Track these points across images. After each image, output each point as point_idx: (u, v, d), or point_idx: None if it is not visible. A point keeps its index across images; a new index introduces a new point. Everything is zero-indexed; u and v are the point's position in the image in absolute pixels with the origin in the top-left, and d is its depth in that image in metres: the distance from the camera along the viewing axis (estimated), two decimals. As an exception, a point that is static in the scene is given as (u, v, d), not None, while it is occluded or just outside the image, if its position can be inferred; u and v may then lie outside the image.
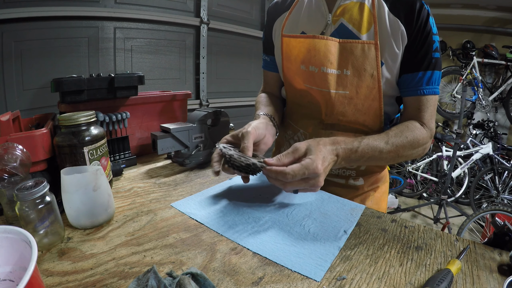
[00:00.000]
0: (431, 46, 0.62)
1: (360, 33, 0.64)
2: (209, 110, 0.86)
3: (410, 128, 0.64)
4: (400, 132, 0.63)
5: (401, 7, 0.63)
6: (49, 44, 1.50)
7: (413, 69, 0.64)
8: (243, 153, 0.57)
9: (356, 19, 0.65)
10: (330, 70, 0.67)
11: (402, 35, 0.62)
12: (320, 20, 0.69)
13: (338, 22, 0.67)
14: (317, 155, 0.52)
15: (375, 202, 0.80)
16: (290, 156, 0.54)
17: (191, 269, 0.35)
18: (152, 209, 0.58)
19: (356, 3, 0.65)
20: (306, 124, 0.78)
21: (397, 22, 0.62)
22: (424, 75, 0.63)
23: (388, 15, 0.63)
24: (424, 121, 0.66)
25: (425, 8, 0.62)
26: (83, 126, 0.59)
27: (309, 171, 0.50)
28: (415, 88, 0.65)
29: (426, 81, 0.64)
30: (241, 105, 2.54)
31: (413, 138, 0.63)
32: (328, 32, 0.68)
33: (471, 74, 3.20)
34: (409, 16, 0.62)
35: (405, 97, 0.68)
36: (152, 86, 1.92)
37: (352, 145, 0.59)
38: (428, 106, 0.66)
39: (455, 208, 2.72)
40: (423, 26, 0.61)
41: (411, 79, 0.65)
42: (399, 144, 0.62)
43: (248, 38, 2.53)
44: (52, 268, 0.40)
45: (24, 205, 0.43)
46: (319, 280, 0.39)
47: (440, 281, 0.37)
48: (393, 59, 0.64)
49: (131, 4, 1.78)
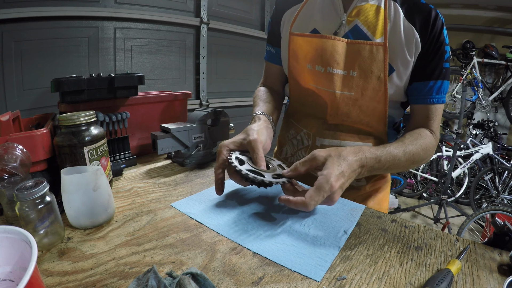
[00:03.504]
0: (443, 56, 0.63)
1: (374, 36, 0.64)
2: (209, 110, 0.86)
3: (422, 136, 0.65)
4: (414, 140, 0.63)
5: (417, 14, 0.62)
6: (49, 44, 1.50)
7: (425, 78, 0.64)
8: (256, 164, 0.56)
9: (372, 22, 0.64)
10: (336, 70, 0.66)
11: (416, 42, 0.62)
12: (334, 19, 0.68)
13: (353, 23, 0.66)
14: (333, 169, 0.49)
15: (376, 202, 0.80)
16: (308, 164, 0.53)
17: (191, 269, 0.35)
18: (152, 209, 0.58)
19: (373, 6, 0.65)
20: (309, 124, 0.77)
21: (411, 29, 0.62)
22: (435, 84, 0.64)
23: (403, 21, 0.63)
24: (433, 129, 0.67)
25: (440, 17, 0.62)
26: (83, 126, 0.59)
27: (325, 192, 0.48)
28: (425, 96, 0.65)
29: (436, 91, 0.64)
30: (241, 105, 2.54)
31: (426, 146, 0.64)
32: (341, 32, 0.67)
33: (471, 74, 3.20)
34: (425, 24, 0.61)
35: (414, 105, 0.69)
36: (152, 86, 1.92)
37: (377, 154, 0.56)
38: (436, 115, 0.67)
39: (455, 208, 2.72)
40: (437, 35, 0.61)
41: (421, 87, 0.65)
42: (415, 152, 0.62)
43: (248, 38, 2.53)
44: (52, 268, 0.40)
45: (24, 205, 0.43)
46: (319, 280, 0.39)
47: (440, 281, 0.37)
48: (405, 66, 0.64)
49: (131, 4, 1.78)
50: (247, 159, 0.58)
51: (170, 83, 2.08)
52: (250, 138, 0.58)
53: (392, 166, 0.59)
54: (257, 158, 0.56)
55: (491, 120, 3.05)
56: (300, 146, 0.80)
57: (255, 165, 0.56)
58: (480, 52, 3.28)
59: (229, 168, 0.57)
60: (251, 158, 0.58)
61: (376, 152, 0.56)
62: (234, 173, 0.56)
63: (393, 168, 0.61)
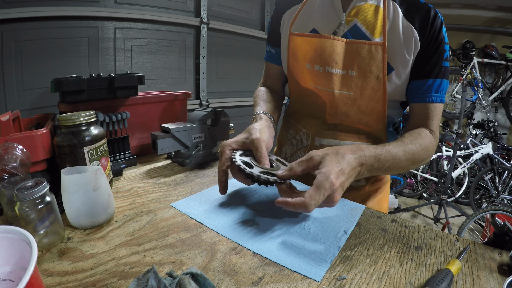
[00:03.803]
0: (442, 54, 0.63)
1: (373, 36, 0.63)
2: (209, 110, 0.86)
3: (422, 136, 0.64)
4: (414, 139, 0.62)
5: (416, 14, 0.62)
6: (49, 44, 1.50)
7: (424, 76, 0.64)
8: (259, 163, 0.56)
9: (371, 21, 0.64)
10: (335, 70, 0.66)
11: (415, 41, 0.62)
12: (333, 19, 0.68)
13: (352, 23, 0.66)
14: (332, 167, 0.47)
15: (376, 202, 0.80)
16: (304, 164, 0.50)
17: (191, 269, 0.35)
18: (152, 209, 0.58)
19: (372, 6, 0.65)
20: (309, 124, 0.78)
21: (410, 28, 0.62)
22: (434, 83, 0.64)
23: (402, 20, 0.63)
24: (432, 128, 0.66)
25: (439, 16, 0.62)
26: (83, 126, 0.59)
27: (326, 190, 0.45)
28: (424, 95, 0.65)
29: (435, 89, 0.64)
30: (241, 105, 2.54)
31: (426, 145, 0.63)
32: (340, 32, 0.67)
33: (471, 74, 3.20)
34: (424, 23, 0.61)
35: (412, 104, 0.68)
36: (152, 86, 1.92)
37: (376, 152, 0.54)
38: (435, 114, 0.66)
39: (455, 208, 2.72)
40: (436, 34, 0.61)
41: (420, 85, 0.65)
42: (415, 151, 0.60)
43: (248, 38, 2.54)
44: (52, 268, 0.40)
45: (24, 205, 0.43)
46: (319, 280, 0.39)
47: (440, 281, 0.37)
48: (404, 65, 0.64)
49: (131, 4, 1.78)
50: (250, 158, 0.58)
51: (170, 83, 2.08)
52: (253, 137, 0.58)
53: (392, 166, 0.58)
54: (260, 156, 0.56)
55: (491, 120, 3.05)
56: (300, 146, 0.80)
57: (258, 163, 0.56)
58: (480, 52, 3.28)
59: (233, 167, 0.57)
60: (254, 157, 0.58)
61: (375, 151, 0.54)
62: (238, 172, 0.56)
63: (393, 169, 0.59)
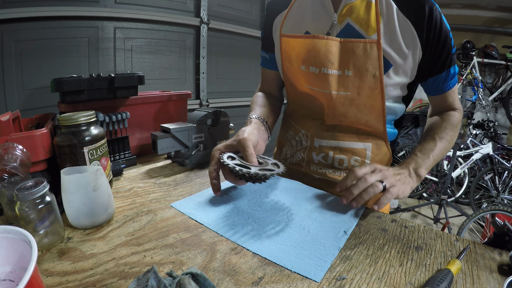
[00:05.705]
0: (450, 45, 0.63)
1: (367, 34, 0.62)
2: (209, 110, 0.86)
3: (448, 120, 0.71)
4: (444, 128, 0.70)
5: (410, 5, 0.61)
6: (49, 44, 1.50)
7: (437, 72, 0.66)
8: (247, 161, 0.56)
9: (363, 18, 0.63)
10: (331, 71, 0.66)
11: (412, 34, 0.61)
12: (325, 20, 0.67)
13: (345, 22, 0.65)
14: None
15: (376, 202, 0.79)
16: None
17: (191, 269, 0.35)
18: (152, 209, 0.58)
19: (363, 1, 0.63)
20: (307, 125, 0.77)
21: (406, 21, 0.61)
22: (448, 73, 0.66)
23: (397, 14, 0.61)
24: (455, 107, 0.73)
25: (435, 7, 0.60)
26: (83, 126, 0.59)
27: (371, 167, 0.58)
28: (442, 87, 0.69)
29: (451, 77, 0.67)
30: (241, 105, 2.54)
31: (454, 124, 0.71)
32: (334, 32, 0.66)
33: (471, 74, 3.20)
34: (420, 14, 0.60)
35: (432, 96, 0.73)
36: (152, 86, 1.92)
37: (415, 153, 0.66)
38: (455, 95, 0.72)
39: (455, 208, 2.72)
40: (439, 28, 0.61)
41: (437, 81, 0.68)
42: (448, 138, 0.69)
43: (248, 38, 2.53)
44: (52, 268, 0.40)
45: (24, 205, 0.43)
46: (319, 281, 0.39)
47: (440, 281, 0.37)
48: (403, 59, 0.63)
49: (131, 4, 1.78)
50: (238, 157, 0.59)
51: (170, 83, 2.08)
52: (239, 138, 0.59)
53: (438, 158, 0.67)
54: (247, 155, 0.56)
55: (491, 120, 3.05)
56: (299, 147, 0.80)
57: (246, 162, 0.57)
58: (480, 52, 3.28)
59: (224, 168, 0.58)
60: (242, 158, 0.58)
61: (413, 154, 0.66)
62: (229, 173, 0.57)
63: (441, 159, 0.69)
